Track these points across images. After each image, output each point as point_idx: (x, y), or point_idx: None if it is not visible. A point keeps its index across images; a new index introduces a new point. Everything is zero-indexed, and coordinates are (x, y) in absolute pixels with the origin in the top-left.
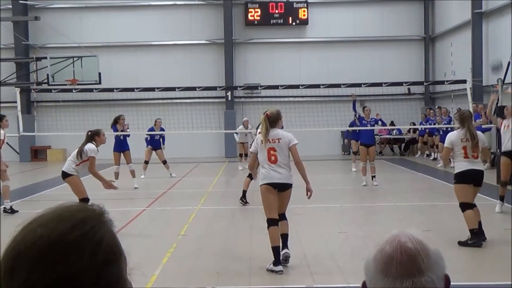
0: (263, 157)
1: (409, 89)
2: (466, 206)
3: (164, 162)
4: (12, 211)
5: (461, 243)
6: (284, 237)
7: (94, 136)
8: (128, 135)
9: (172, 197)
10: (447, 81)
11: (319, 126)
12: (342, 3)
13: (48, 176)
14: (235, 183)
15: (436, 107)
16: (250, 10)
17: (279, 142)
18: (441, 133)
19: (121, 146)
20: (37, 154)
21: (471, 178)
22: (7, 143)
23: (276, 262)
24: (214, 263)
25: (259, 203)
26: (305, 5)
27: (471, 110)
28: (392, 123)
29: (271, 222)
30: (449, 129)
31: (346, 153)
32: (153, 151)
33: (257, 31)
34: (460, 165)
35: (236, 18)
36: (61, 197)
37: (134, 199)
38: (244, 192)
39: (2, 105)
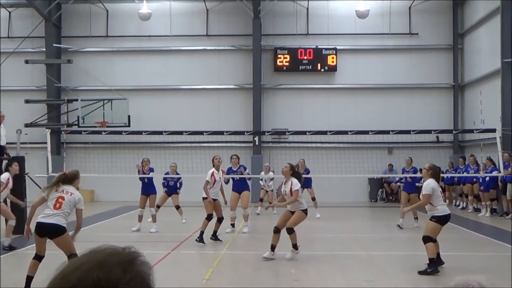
0: None
1: (437, 137)
2: (430, 239)
3: (177, 207)
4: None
5: (421, 272)
6: None
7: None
8: (151, 178)
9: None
10: (476, 129)
11: (346, 173)
12: (370, 50)
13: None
14: (260, 228)
15: (469, 155)
16: (279, 56)
17: None
18: (480, 180)
19: (147, 189)
20: None
21: (447, 221)
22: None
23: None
24: None
25: (284, 249)
26: (334, 51)
27: (501, 159)
28: (420, 171)
29: None
30: (485, 178)
31: (373, 200)
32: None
33: (286, 77)
34: (444, 208)
35: (265, 63)
36: (87, 238)
37: (158, 242)
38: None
39: (33, 145)
